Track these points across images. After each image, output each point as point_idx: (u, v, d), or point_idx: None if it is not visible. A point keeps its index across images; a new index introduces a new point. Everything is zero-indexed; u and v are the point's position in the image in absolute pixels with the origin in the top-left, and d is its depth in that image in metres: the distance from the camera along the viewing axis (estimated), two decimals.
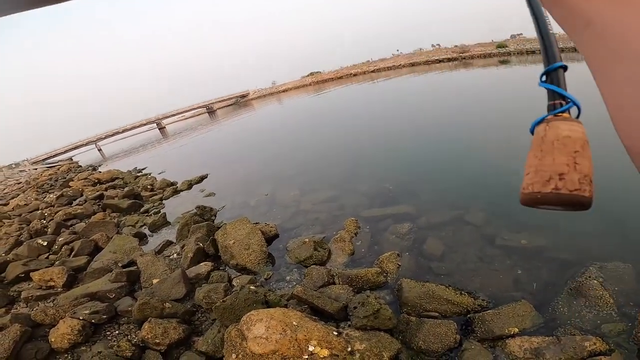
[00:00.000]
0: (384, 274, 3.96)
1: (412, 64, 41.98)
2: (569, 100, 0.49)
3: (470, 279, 3.67)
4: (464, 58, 36.72)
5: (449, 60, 38.52)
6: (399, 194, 6.27)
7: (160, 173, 15.62)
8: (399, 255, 4.24)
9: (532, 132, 0.50)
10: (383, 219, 5.38)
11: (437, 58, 40.66)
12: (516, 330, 2.80)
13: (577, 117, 0.51)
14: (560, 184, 0.44)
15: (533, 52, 27.49)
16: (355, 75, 48.40)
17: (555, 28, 0.51)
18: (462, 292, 3.35)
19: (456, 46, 45.21)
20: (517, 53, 29.93)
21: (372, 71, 46.68)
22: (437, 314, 3.16)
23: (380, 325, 2.96)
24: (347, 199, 6.66)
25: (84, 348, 3.69)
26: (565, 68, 0.51)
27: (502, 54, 31.98)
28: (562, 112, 0.50)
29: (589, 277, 3.11)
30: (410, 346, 2.86)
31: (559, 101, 0.50)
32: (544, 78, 0.52)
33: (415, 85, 25.85)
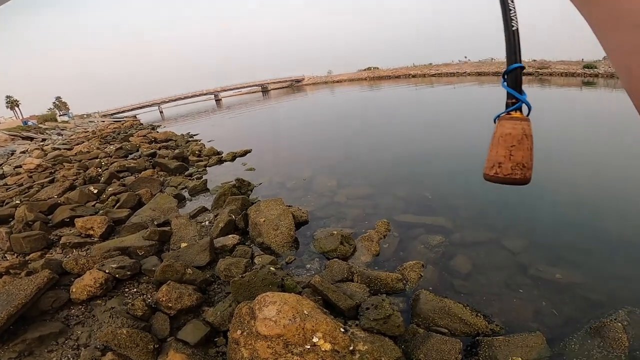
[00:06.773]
0: (404, 282, 3.88)
1: (479, 73, 39.61)
2: (519, 100, 0.61)
3: (491, 302, 3.53)
4: (541, 74, 33.78)
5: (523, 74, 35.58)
6: (437, 205, 6.04)
7: (209, 141, 16.33)
8: (423, 266, 4.12)
9: (495, 122, 0.65)
10: (415, 226, 5.23)
11: None
12: None
13: (528, 114, 0.62)
14: (499, 170, 0.61)
15: None
16: (414, 76, 46.72)
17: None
18: (478, 314, 3.25)
19: (534, 60, 41.70)
20: (607, 76, 26.53)
21: (433, 75, 44.75)
22: (446, 330, 3.08)
23: (387, 330, 2.91)
24: (383, 200, 6.54)
25: (99, 302, 3.72)
26: (522, 68, 0.61)
27: (588, 74, 28.79)
28: (514, 109, 0.62)
29: (615, 319, 2.97)
30: (411, 357, 2.81)
31: (512, 100, 0.62)
32: (505, 77, 0.62)
33: (477, 95, 24.59)
